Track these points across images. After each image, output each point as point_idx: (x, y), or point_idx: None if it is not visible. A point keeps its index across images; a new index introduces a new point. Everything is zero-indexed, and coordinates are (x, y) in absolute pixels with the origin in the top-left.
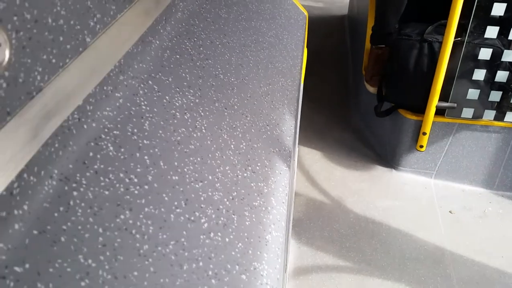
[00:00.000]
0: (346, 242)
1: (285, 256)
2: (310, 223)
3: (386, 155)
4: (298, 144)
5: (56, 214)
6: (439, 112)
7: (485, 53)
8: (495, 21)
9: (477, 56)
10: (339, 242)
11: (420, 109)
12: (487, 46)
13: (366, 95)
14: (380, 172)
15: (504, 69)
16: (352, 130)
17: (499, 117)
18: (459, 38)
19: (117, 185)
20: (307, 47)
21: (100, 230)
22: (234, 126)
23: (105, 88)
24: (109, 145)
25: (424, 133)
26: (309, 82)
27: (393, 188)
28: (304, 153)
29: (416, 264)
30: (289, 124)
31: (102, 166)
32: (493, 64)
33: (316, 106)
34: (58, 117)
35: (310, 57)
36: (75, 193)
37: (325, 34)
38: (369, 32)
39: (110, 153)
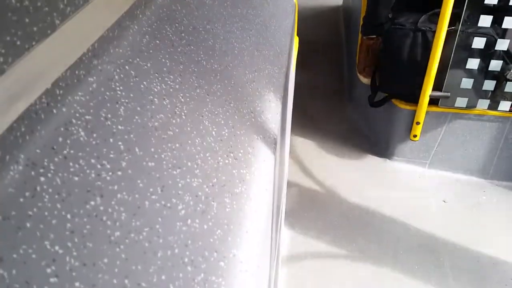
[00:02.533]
0: (339, 232)
1: (273, 244)
2: (303, 213)
3: (380, 145)
4: (292, 134)
5: (21, 200)
6: (433, 101)
7: (478, 42)
8: (488, 9)
9: (471, 45)
10: (332, 232)
11: (414, 98)
12: (480, 35)
13: (360, 85)
14: (374, 162)
15: (498, 58)
16: (346, 120)
17: (493, 106)
18: (452, 27)
19: (88, 171)
20: (300, 36)
21: (69, 216)
22: (216, 112)
23: (76, 72)
24: (80, 130)
25: (418, 123)
26: (304, 73)
27: (387, 178)
28: (298, 142)
29: (409, 253)
30: (274, 112)
31: (72, 151)
32: (487, 53)
33: (311, 96)
34: (24, 100)
35: (304, 48)
36: (42, 178)
37: (319, 25)
38: (361, 23)
39: (81, 138)
